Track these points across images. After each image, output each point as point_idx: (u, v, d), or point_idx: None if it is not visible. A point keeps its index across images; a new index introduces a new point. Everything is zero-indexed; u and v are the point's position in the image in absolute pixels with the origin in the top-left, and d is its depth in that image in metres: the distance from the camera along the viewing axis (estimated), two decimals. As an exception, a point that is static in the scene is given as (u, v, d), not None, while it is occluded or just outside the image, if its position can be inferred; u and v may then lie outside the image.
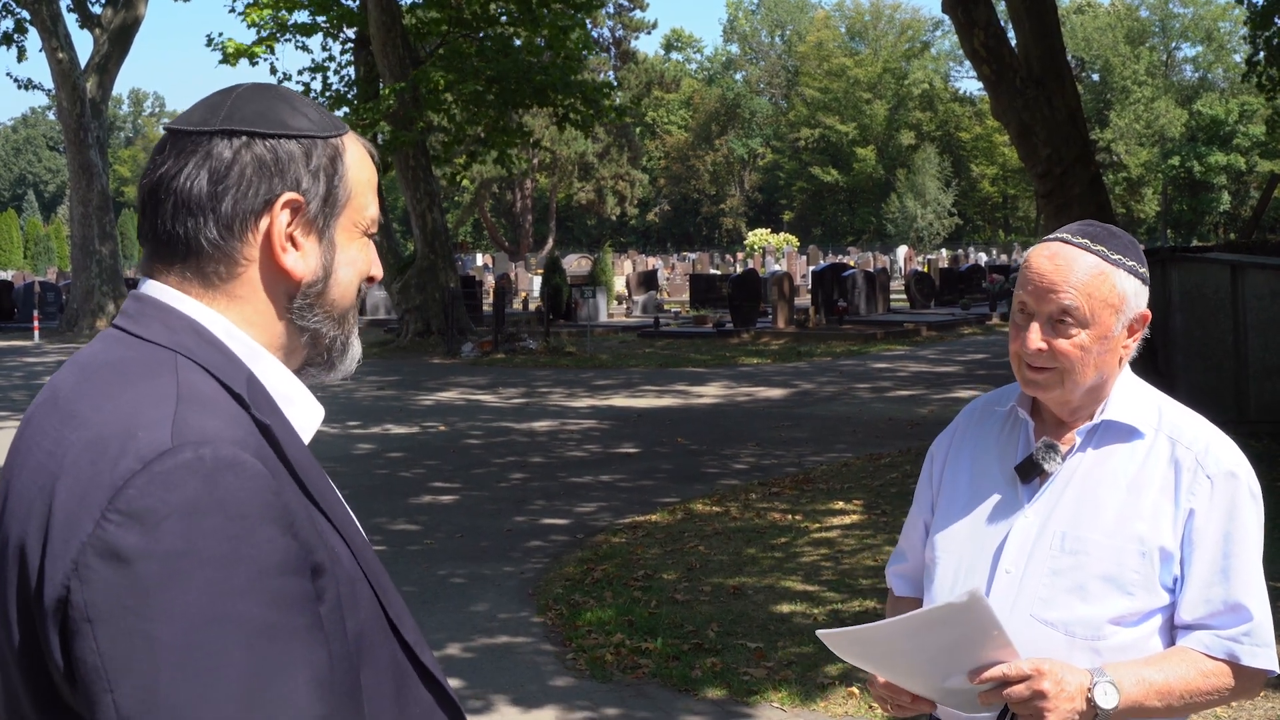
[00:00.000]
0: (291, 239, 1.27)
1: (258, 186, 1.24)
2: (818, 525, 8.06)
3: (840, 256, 48.09)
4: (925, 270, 34.27)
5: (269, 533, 1.11)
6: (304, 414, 1.29)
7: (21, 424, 1.26)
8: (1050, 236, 2.03)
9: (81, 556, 1.08)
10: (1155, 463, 1.97)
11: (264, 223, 1.25)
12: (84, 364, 1.24)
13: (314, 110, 1.30)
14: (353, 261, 1.33)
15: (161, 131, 1.33)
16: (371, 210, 1.34)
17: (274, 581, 1.10)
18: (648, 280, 33.23)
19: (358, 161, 1.32)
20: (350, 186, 1.31)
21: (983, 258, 47.86)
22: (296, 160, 1.26)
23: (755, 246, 48.10)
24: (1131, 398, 2.02)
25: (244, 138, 1.24)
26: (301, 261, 1.28)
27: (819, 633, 1.90)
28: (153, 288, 1.27)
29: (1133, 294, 1.96)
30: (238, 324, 1.27)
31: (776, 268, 37.41)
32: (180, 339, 1.22)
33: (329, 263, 1.30)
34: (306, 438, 1.28)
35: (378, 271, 1.37)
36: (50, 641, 1.11)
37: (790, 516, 8.29)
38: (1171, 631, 1.96)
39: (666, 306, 31.24)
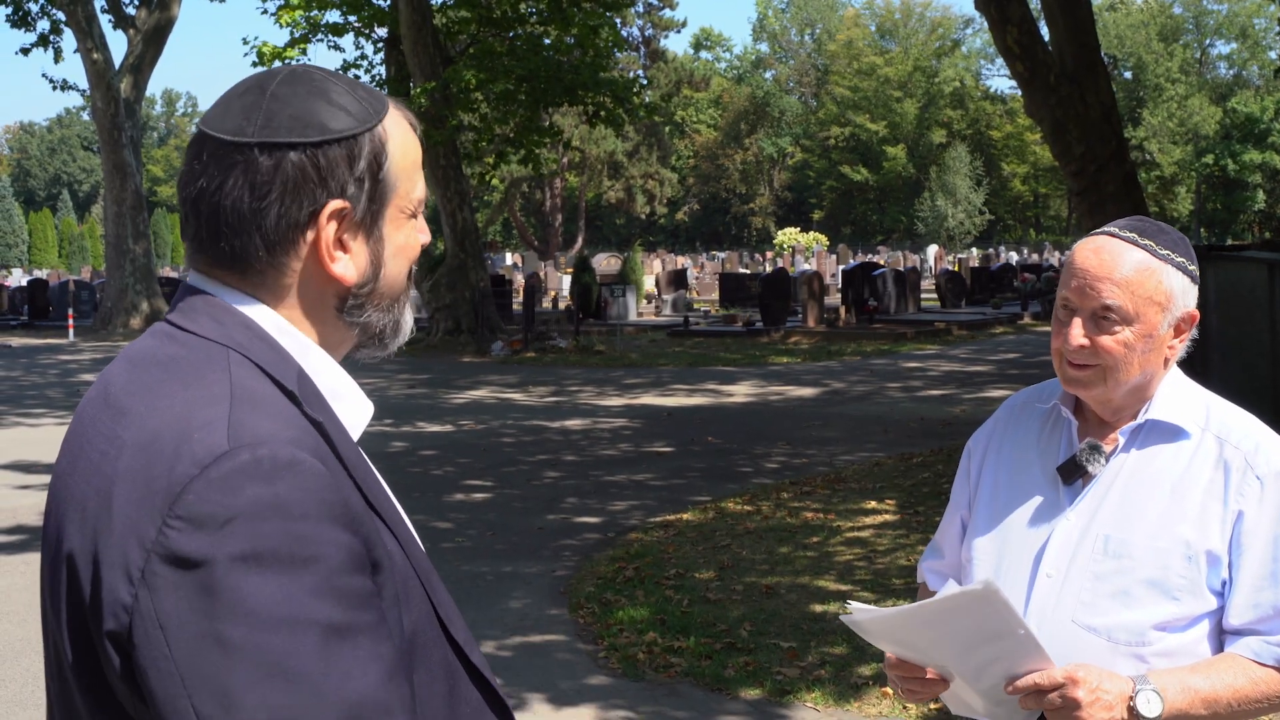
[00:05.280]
0: (340, 243, 1.23)
1: (301, 199, 1.20)
2: (851, 525, 8.03)
3: (870, 256, 47.89)
4: (956, 269, 34.10)
5: (333, 532, 1.10)
6: (353, 411, 1.27)
7: (74, 419, 1.24)
8: (1097, 231, 1.97)
9: (148, 564, 1.07)
10: (1202, 463, 1.91)
11: (310, 234, 1.21)
12: (135, 359, 1.22)
13: (351, 97, 1.24)
14: (401, 249, 1.30)
15: (194, 129, 1.31)
16: (417, 191, 1.30)
17: (342, 580, 1.09)
18: (677, 279, 33.17)
19: (401, 146, 1.27)
20: (395, 176, 1.26)
21: (1014, 257, 47.54)
22: (339, 166, 1.21)
23: (784, 245, 48.00)
24: (1178, 397, 1.97)
25: (283, 150, 1.19)
26: (351, 266, 1.25)
27: (843, 617, 1.88)
28: (202, 282, 1.25)
29: (1180, 292, 1.90)
30: (288, 319, 1.24)
31: (806, 267, 37.31)
32: (231, 334, 1.20)
33: (378, 258, 1.27)
34: (355, 435, 1.26)
35: (425, 238, 1.33)
36: (107, 649, 1.10)
37: (823, 516, 8.26)
38: (1221, 637, 1.90)
39: (696, 305, 31.22)
